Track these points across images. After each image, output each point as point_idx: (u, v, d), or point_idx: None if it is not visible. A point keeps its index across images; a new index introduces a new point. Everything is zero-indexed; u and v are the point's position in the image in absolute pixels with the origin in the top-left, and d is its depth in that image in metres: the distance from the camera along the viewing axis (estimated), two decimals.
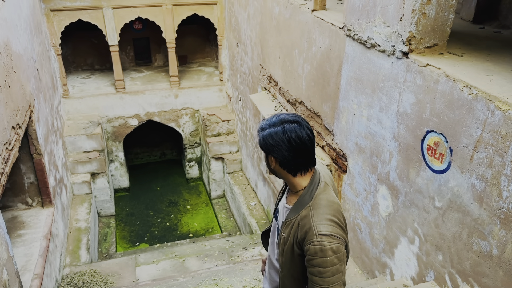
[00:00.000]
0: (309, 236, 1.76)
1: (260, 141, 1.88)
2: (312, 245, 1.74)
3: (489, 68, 3.54)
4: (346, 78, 4.88)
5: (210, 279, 5.52)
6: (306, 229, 1.78)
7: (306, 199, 1.85)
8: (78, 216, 8.78)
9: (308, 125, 1.84)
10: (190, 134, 11.97)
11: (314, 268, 1.76)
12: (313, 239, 1.75)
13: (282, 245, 1.89)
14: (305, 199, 1.85)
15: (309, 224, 1.78)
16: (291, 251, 1.86)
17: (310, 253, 1.76)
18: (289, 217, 1.87)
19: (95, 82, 11.45)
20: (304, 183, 1.89)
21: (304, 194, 1.86)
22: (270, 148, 1.85)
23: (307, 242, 1.76)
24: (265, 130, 1.85)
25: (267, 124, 1.87)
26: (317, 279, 1.77)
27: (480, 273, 3.29)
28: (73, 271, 7.14)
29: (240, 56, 9.65)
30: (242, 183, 10.42)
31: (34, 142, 6.53)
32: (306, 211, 1.82)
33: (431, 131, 3.66)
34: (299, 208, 1.85)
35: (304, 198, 1.85)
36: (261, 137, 1.88)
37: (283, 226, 1.88)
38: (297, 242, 1.83)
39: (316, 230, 1.75)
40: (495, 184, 3.05)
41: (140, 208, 11.59)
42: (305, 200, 1.85)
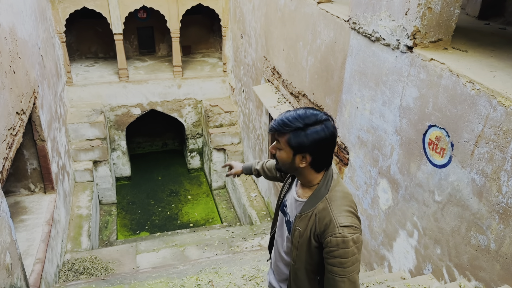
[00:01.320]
0: (330, 229, 1.76)
1: (302, 141, 1.75)
2: (334, 237, 1.75)
3: (493, 64, 3.55)
4: (350, 72, 4.89)
5: (210, 268, 5.58)
6: (326, 221, 1.78)
7: (322, 192, 1.84)
8: (80, 203, 8.85)
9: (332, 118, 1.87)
10: (192, 125, 11.99)
11: (334, 259, 1.78)
12: (335, 231, 1.75)
13: (296, 238, 1.87)
14: (321, 192, 1.84)
15: (329, 217, 1.78)
16: (307, 244, 1.86)
17: (332, 245, 1.76)
18: (304, 210, 1.85)
19: (98, 70, 11.46)
20: (320, 177, 1.88)
21: (320, 187, 1.85)
22: (309, 147, 1.76)
23: (328, 234, 1.77)
24: (306, 129, 1.74)
25: (300, 122, 1.75)
26: (337, 270, 1.79)
27: (477, 267, 3.33)
28: (74, 257, 7.22)
29: (244, 48, 9.64)
30: (243, 174, 10.45)
31: (38, 128, 6.57)
32: (324, 204, 1.82)
33: (433, 126, 3.68)
34: (315, 201, 1.84)
35: (320, 191, 1.85)
36: (303, 136, 1.74)
37: (297, 220, 1.86)
38: (314, 235, 1.82)
39: (337, 222, 1.76)
40: (495, 179, 3.08)
41: (141, 197, 11.66)
42: (321, 193, 1.84)
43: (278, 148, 1.85)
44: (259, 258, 5.82)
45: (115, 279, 5.74)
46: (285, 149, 1.82)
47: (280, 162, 1.88)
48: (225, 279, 4.91)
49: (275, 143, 1.87)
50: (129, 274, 6.13)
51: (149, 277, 5.51)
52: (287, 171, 1.92)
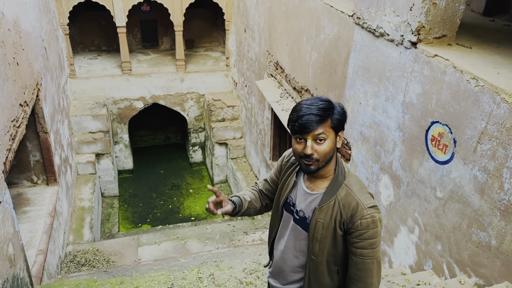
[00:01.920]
0: (359, 212, 1.79)
1: (340, 115, 1.81)
2: (365, 219, 1.78)
3: (497, 60, 3.54)
4: (354, 67, 4.88)
5: (211, 261, 5.60)
6: (353, 206, 1.80)
7: (340, 180, 1.87)
8: (82, 196, 8.89)
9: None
10: (194, 119, 12.00)
11: (365, 242, 1.80)
12: (364, 213, 1.78)
13: (319, 231, 1.86)
14: (339, 180, 1.87)
15: (355, 201, 1.81)
16: (332, 234, 1.86)
17: (362, 228, 1.79)
18: (324, 201, 1.85)
19: (101, 63, 11.46)
20: (334, 165, 1.91)
21: (336, 176, 1.88)
22: (344, 120, 1.85)
23: (357, 218, 1.79)
24: (335, 107, 1.81)
25: (325, 103, 1.80)
26: (367, 252, 1.81)
27: (478, 263, 3.34)
28: (76, 249, 7.26)
29: (247, 42, 9.62)
30: (245, 169, 10.48)
31: (41, 120, 6.59)
32: (345, 190, 1.84)
33: (436, 122, 3.68)
34: (335, 189, 1.85)
35: (337, 180, 1.87)
36: (340, 112, 1.81)
37: (317, 212, 1.85)
38: (340, 223, 1.83)
39: (364, 204, 1.80)
40: (497, 176, 3.08)
41: (143, 190, 11.69)
42: (339, 181, 1.86)
43: (320, 140, 1.78)
44: (260, 252, 5.84)
45: (116, 271, 5.77)
46: (329, 135, 1.79)
47: (323, 156, 1.80)
48: (226, 272, 4.93)
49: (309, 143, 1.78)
50: (131, 266, 6.16)
51: (151, 270, 5.54)
52: (325, 164, 1.84)
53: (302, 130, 1.77)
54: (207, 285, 4.70)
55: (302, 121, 1.76)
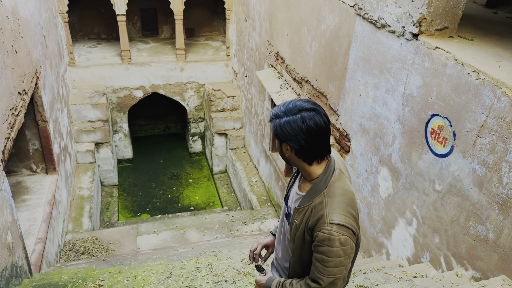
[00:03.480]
0: (320, 223, 1.75)
1: (276, 129, 1.80)
2: (322, 232, 1.74)
3: (498, 53, 3.51)
4: (354, 58, 4.84)
5: (209, 251, 5.62)
6: (318, 216, 1.77)
7: (320, 187, 1.83)
8: (82, 184, 8.90)
9: (325, 112, 1.81)
10: (194, 109, 11.97)
11: (319, 255, 1.78)
12: (323, 227, 1.74)
13: (294, 231, 1.88)
14: (320, 187, 1.83)
15: (322, 212, 1.77)
16: (302, 237, 1.86)
17: (318, 240, 1.75)
18: (302, 204, 1.86)
19: (101, 51, 11.39)
20: (319, 171, 1.86)
21: (318, 182, 1.84)
22: (286, 136, 1.78)
23: (317, 229, 1.76)
24: (282, 118, 1.78)
25: (282, 111, 1.79)
26: (319, 266, 1.79)
27: (475, 257, 3.35)
28: (75, 238, 7.29)
29: (248, 32, 9.55)
30: (245, 160, 10.48)
31: (40, 109, 6.57)
32: (320, 199, 1.80)
33: (436, 115, 3.66)
34: (313, 195, 1.83)
35: (318, 186, 1.83)
36: (277, 125, 1.79)
37: (295, 213, 1.87)
38: (308, 228, 1.82)
39: (328, 218, 1.74)
40: (496, 170, 3.07)
41: (143, 179, 11.71)
42: (320, 188, 1.83)
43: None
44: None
45: (115, 260, 5.80)
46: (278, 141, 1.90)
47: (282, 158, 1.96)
48: (224, 262, 4.95)
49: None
50: (130, 255, 6.20)
51: (149, 259, 5.56)
52: (286, 161, 1.96)
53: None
54: (205, 274, 4.72)
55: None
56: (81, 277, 4.72)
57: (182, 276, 4.69)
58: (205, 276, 4.69)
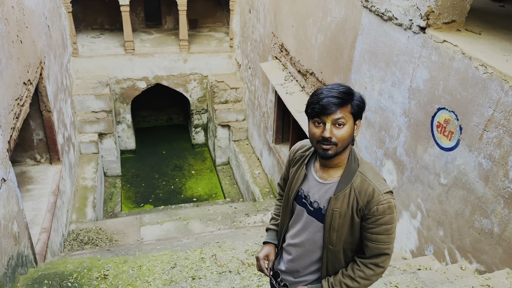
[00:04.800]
0: (375, 197, 1.79)
1: (360, 102, 1.81)
2: (381, 205, 1.79)
3: (506, 47, 3.50)
4: (360, 51, 4.83)
5: (213, 242, 5.66)
6: (369, 192, 1.81)
7: (353, 167, 1.87)
8: (85, 175, 8.93)
9: None
10: (197, 100, 11.96)
11: (380, 227, 1.82)
12: (380, 199, 1.79)
13: (336, 220, 1.87)
14: (353, 168, 1.87)
15: (371, 187, 1.81)
16: (349, 223, 1.87)
17: (379, 213, 1.80)
18: (340, 189, 1.85)
19: (104, 42, 11.37)
20: (347, 154, 1.90)
21: (350, 164, 1.88)
22: (364, 108, 1.83)
23: (373, 204, 1.80)
24: (356, 94, 1.81)
25: (346, 87, 1.81)
26: (383, 238, 1.83)
27: (479, 250, 3.36)
28: (79, 228, 7.34)
29: (252, 23, 9.51)
30: (247, 152, 10.50)
31: (44, 99, 6.57)
32: (360, 178, 1.84)
33: (443, 108, 3.66)
34: (349, 177, 1.86)
35: (351, 167, 1.87)
36: (360, 96, 1.82)
37: (332, 202, 1.86)
38: (357, 210, 1.84)
39: (380, 190, 1.81)
40: (502, 164, 3.08)
41: (146, 170, 11.74)
42: (353, 168, 1.87)
43: (339, 124, 1.78)
44: (261, 234, 5.89)
45: (119, 250, 5.84)
46: (349, 121, 1.79)
47: (342, 141, 1.79)
48: (228, 253, 4.99)
49: (331, 125, 1.77)
50: (134, 245, 6.24)
51: (153, 249, 5.60)
52: (342, 150, 1.83)
53: (322, 112, 1.77)
54: (209, 265, 4.75)
55: (323, 103, 1.76)
56: (86, 267, 4.76)
57: (187, 267, 4.73)
58: (210, 267, 4.73)
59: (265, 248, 2.21)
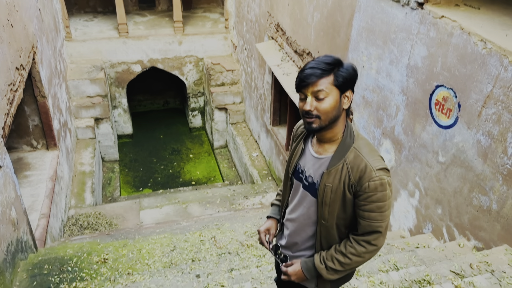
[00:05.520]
0: (367, 174, 1.75)
1: (347, 73, 1.74)
2: (373, 181, 1.75)
3: (506, 22, 3.44)
4: (357, 29, 4.75)
5: (212, 224, 5.67)
6: (361, 168, 1.77)
7: (348, 142, 1.83)
8: (83, 160, 8.90)
9: None
10: (193, 83, 11.86)
11: (372, 205, 1.78)
12: (372, 175, 1.74)
13: (328, 195, 1.84)
14: (347, 143, 1.83)
15: (363, 163, 1.76)
16: (341, 198, 1.84)
17: (370, 190, 1.75)
18: (332, 164, 1.82)
19: (97, 25, 11.19)
20: (342, 129, 1.86)
21: (344, 139, 1.84)
22: (353, 79, 1.76)
23: (365, 180, 1.76)
24: (344, 64, 1.75)
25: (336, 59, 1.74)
26: (375, 215, 1.80)
27: (477, 227, 3.37)
28: (78, 213, 7.34)
29: (247, 2, 9.35)
30: (245, 134, 10.46)
31: (38, 84, 6.49)
32: (354, 153, 1.80)
33: (441, 86, 3.62)
34: (343, 152, 1.82)
35: (345, 142, 1.83)
36: (350, 66, 1.75)
37: (326, 176, 1.83)
38: (349, 185, 1.81)
39: (373, 166, 1.75)
40: (501, 140, 3.05)
41: (144, 155, 11.72)
42: (348, 144, 1.83)
43: (321, 98, 1.74)
44: (260, 215, 5.92)
45: (119, 234, 5.86)
46: (331, 93, 1.74)
47: (325, 113, 1.76)
48: (228, 235, 5.00)
49: (312, 98, 1.75)
50: (133, 229, 6.25)
51: (153, 233, 5.62)
52: (329, 123, 1.80)
53: (301, 84, 1.76)
54: (209, 247, 4.77)
55: (302, 75, 1.75)
56: (86, 251, 4.77)
57: (186, 249, 4.75)
58: (209, 249, 4.75)
59: (267, 222, 2.22)
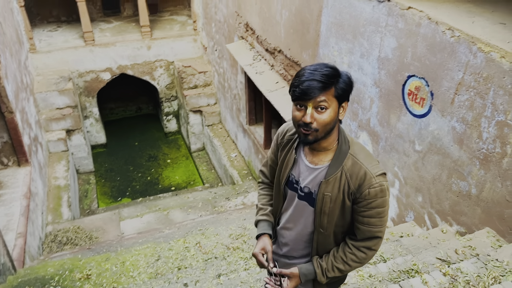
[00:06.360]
0: (367, 181, 1.73)
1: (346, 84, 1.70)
2: (373, 188, 1.72)
3: (470, 9, 3.51)
4: (327, 24, 4.77)
5: (196, 229, 5.61)
6: (361, 175, 1.74)
7: (344, 150, 1.79)
8: (57, 174, 8.66)
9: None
10: (166, 87, 11.70)
11: (372, 211, 1.76)
12: (372, 182, 1.72)
13: (327, 204, 1.81)
14: (343, 150, 1.79)
15: (362, 170, 1.74)
16: (340, 206, 1.82)
17: (370, 197, 1.73)
18: (330, 173, 1.78)
19: (62, 34, 10.89)
20: (336, 136, 1.82)
21: (340, 146, 1.80)
22: (350, 90, 1.73)
23: (365, 187, 1.74)
24: (342, 75, 1.71)
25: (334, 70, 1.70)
26: (375, 221, 1.78)
27: (458, 212, 3.43)
28: (56, 229, 7.14)
29: (214, 3, 9.28)
30: (222, 135, 10.40)
31: (4, 100, 6.27)
32: (351, 160, 1.77)
33: (412, 76, 3.67)
34: (340, 160, 1.78)
35: (342, 150, 1.80)
36: (347, 77, 1.72)
37: (324, 185, 1.79)
38: (349, 193, 1.78)
39: (372, 172, 1.73)
40: (475, 126, 3.11)
41: (119, 164, 11.50)
42: (344, 151, 1.79)
43: (322, 108, 1.68)
44: (244, 216, 5.88)
45: (100, 248, 5.72)
46: (331, 105, 1.68)
47: (324, 126, 1.70)
48: (212, 239, 4.95)
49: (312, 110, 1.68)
50: (115, 241, 6.12)
51: (136, 243, 5.51)
52: (324, 135, 1.74)
53: (302, 97, 1.66)
54: (194, 253, 4.71)
55: (303, 87, 1.64)
56: (67, 268, 4.63)
57: (171, 257, 4.68)
58: (195, 255, 4.69)
59: (259, 242, 2.06)
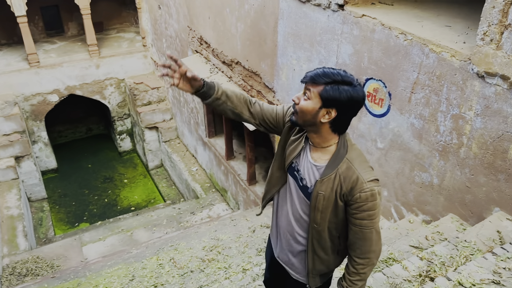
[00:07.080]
0: (358, 185, 1.84)
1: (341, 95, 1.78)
2: (364, 192, 1.84)
3: (418, 14, 3.81)
4: (283, 35, 4.95)
5: (167, 246, 5.53)
6: (353, 180, 1.85)
7: (341, 153, 1.90)
8: (8, 204, 8.20)
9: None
10: (117, 106, 11.46)
11: (363, 213, 1.89)
12: (363, 187, 1.84)
13: (320, 202, 1.93)
14: (341, 154, 1.90)
15: (355, 175, 1.85)
16: (333, 205, 1.93)
17: (361, 200, 1.85)
18: (326, 174, 1.90)
19: (4, 58, 10.40)
20: (333, 139, 1.93)
21: (338, 149, 1.91)
22: (339, 103, 1.80)
23: (356, 191, 1.85)
24: (340, 85, 1.79)
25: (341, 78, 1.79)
26: (366, 223, 1.90)
27: (423, 202, 3.68)
28: (13, 260, 6.75)
29: (163, 19, 9.28)
30: (181, 150, 10.32)
31: None
32: (346, 164, 1.88)
33: (370, 79, 3.90)
34: (336, 163, 1.90)
35: (339, 153, 1.91)
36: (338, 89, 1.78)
37: (319, 184, 1.91)
38: (341, 194, 1.89)
39: (364, 178, 1.84)
40: (432, 120, 3.37)
41: (73, 188, 11.06)
42: (341, 155, 1.90)
43: (305, 98, 1.83)
44: (214, 228, 5.88)
45: (66, 275, 5.49)
46: (313, 99, 1.82)
47: (301, 112, 1.85)
48: (186, 254, 4.92)
49: (301, 94, 1.86)
50: (80, 267, 5.89)
51: (104, 266, 5.34)
52: (303, 123, 1.89)
53: (302, 79, 1.87)
54: (169, 270, 4.66)
55: (309, 72, 1.86)
56: None
57: (146, 276, 4.60)
58: (170, 271, 4.63)
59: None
